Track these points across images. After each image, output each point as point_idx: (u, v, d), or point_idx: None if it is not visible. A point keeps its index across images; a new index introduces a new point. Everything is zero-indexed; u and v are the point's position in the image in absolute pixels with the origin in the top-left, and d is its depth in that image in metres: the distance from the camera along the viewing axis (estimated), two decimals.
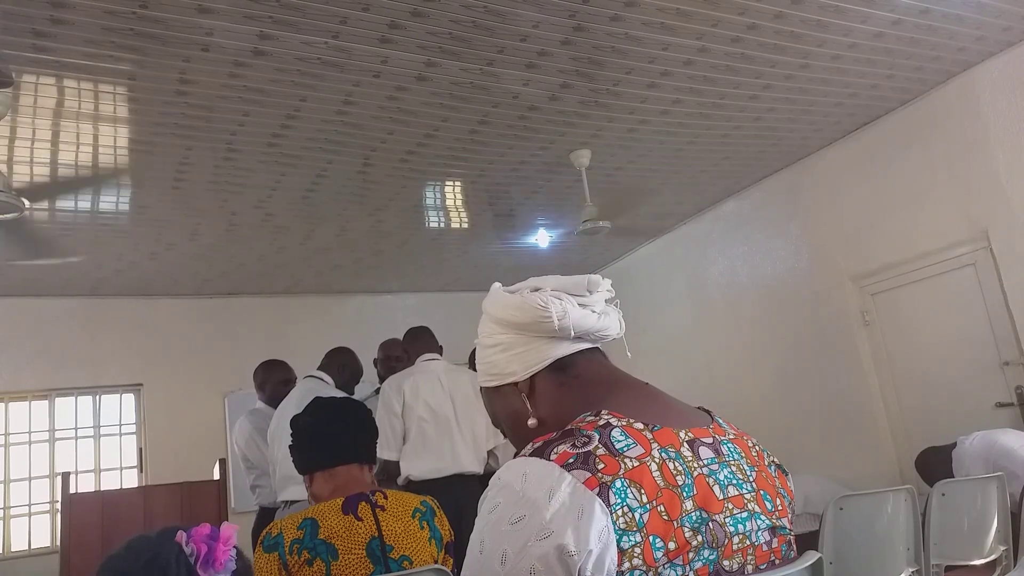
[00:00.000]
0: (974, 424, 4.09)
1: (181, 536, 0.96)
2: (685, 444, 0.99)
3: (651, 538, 0.88)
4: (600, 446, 0.93)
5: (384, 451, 3.57)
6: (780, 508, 1.05)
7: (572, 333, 1.11)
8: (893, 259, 5.08)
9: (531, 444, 0.96)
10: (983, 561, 2.87)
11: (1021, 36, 4.26)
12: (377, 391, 4.06)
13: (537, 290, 1.15)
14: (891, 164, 5.06)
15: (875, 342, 5.28)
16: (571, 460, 0.91)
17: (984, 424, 4.09)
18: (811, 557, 1.05)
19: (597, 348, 1.17)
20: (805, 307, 5.72)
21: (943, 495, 2.80)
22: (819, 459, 5.42)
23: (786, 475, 1.14)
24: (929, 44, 4.19)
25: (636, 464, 0.92)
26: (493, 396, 1.20)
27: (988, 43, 4.28)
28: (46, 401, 6.46)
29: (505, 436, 1.23)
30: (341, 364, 4.16)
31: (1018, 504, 3.02)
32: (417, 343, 4.01)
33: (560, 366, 1.13)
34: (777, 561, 1.02)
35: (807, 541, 1.67)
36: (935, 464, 3.96)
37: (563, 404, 1.08)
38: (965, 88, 4.61)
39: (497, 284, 1.22)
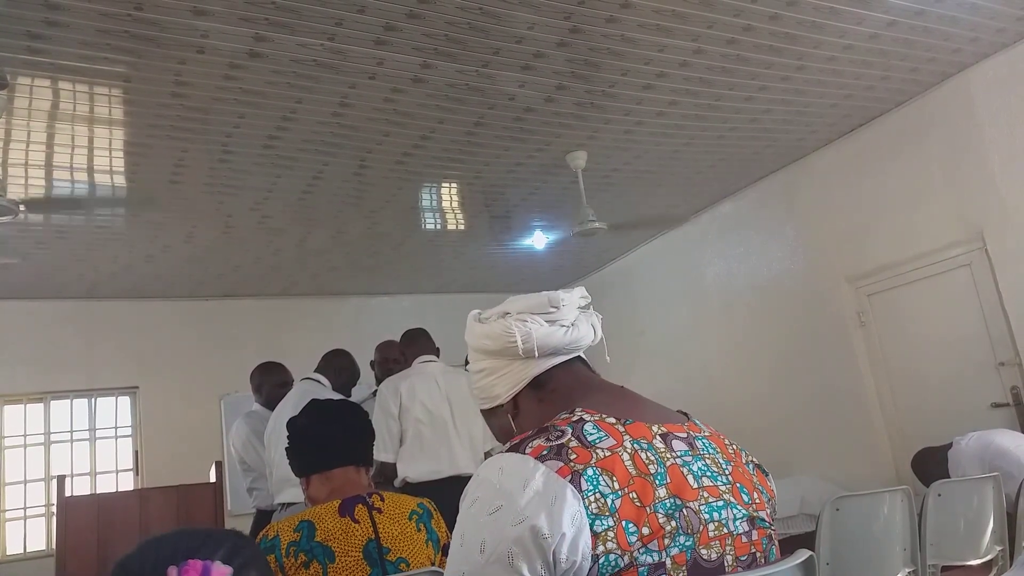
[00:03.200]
0: (970, 424, 4.09)
1: (172, 572, 0.93)
2: (658, 437, 1.02)
3: (624, 523, 0.91)
4: (573, 439, 0.97)
5: (381, 453, 3.56)
6: (758, 501, 1.07)
7: (536, 353, 1.15)
8: (889, 260, 5.09)
9: (509, 441, 1.01)
10: (979, 561, 2.87)
11: (1015, 37, 4.27)
12: (374, 393, 4.06)
13: (506, 314, 1.19)
14: (886, 165, 5.07)
15: (871, 343, 5.29)
16: (544, 452, 0.94)
17: (980, 424, 4.10)
18: (802, 555, 1.05)
19: (576, 358, 1.21)
20: (801, 308, 5.73)
21: (939, 495, 2.80)
22: (815, 460, 5.43)
23: (765, 475, 1.16)
24: (924, 45, 4.20)
25: (608, 454, 0.95)
26: (489, 416, 1.26)
27: (982, 44, 4.29)
28: (41, 404, 6.44)
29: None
30: (338, 366, 4.15)
31: (1014, 504, 3.02)
32: (414, 345, 4.01)
33: (538, 383, 1.17)
34: (758, 554, 1.04)
35: (803, 541, 1.67)
36: (931, 465, 3.97)
37: (544, 418, 1.12)
38: (960, 89, 4.62)
39: (473, 312, 1.27)
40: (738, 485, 1.05)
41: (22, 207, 4.54)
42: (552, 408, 1.12)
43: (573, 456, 0.93)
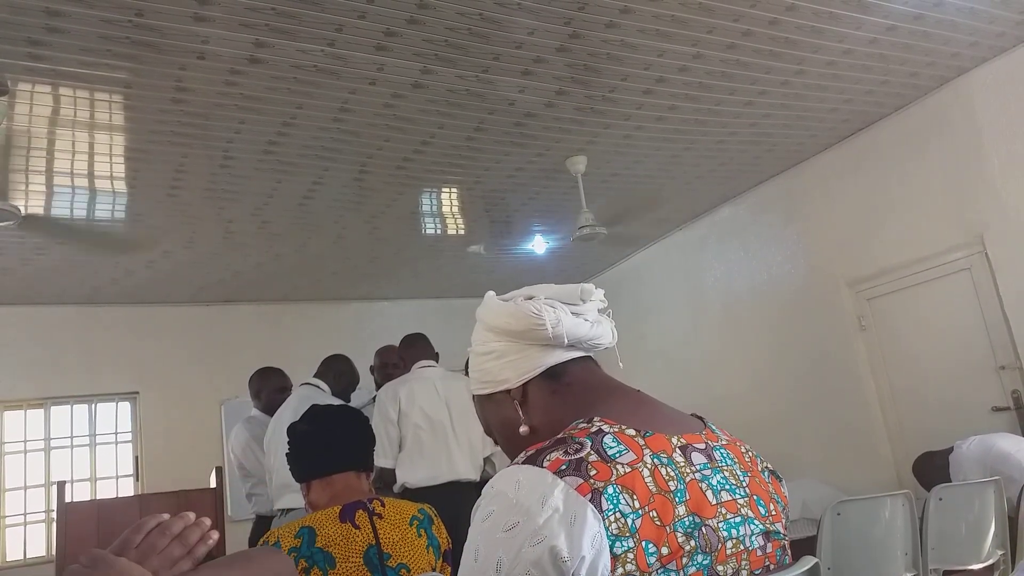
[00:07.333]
0: (971, 428, 4.09)
1: None
2: (677, 450, 1.00)
3: (644, 543, 0.89)
4: (592, 452, 0.93)
5: (380, 459, 3.56)
6: (774, 513, 1.06)
7: (566, 340, 1.12)
8: (889, 264, 5.09)
9: (524, 452, 0.97)
10: (981, 565, 2.87)
11: (1014, 41, 4.28)
12: (374, 398, 4.06)
13: (531, 298, 1.15)
14: (886, 169, 5.07)
15: (871, 347, 5.29)
16: (563, 467, 0.91)
17: (981, 428, 4.10)
18: (808, 562, 1.04)
19: (589, 357, 1.17)
20: (801, 312, 5.73)
21: (940, 500, 2.81)
22: (816, 464, 5.42)
23: (780, 480, 1.14)
24: (923, 50, 4.20)
25: (628, 470, 0.93)
26: (485, 404, 1.20)
27: (982, 48, 4.30)
28: (42, 410, 6.44)
29: (496, 443, 1.23)
30: (337, 371, 4.15)
31: (1015, 508, 3.02)
32: (413, 350, 4.01)
33: (553, 374, 1.13)
34: (772, 566, 1.03)
35: (805, 546, 1.67)
36: (932, 469, 3.97)
37: (555, 411, 1.09)
38: (959, 93, 4.62)
39: (491, 292, 1.22)
40: (755, 497, 1.04)
41: (26, 212, 4.56)
42: (564, 402, 1.10)
43: (593, 472, 0.91)
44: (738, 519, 0.99)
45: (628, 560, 0.87)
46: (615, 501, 0.89)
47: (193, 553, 1.03)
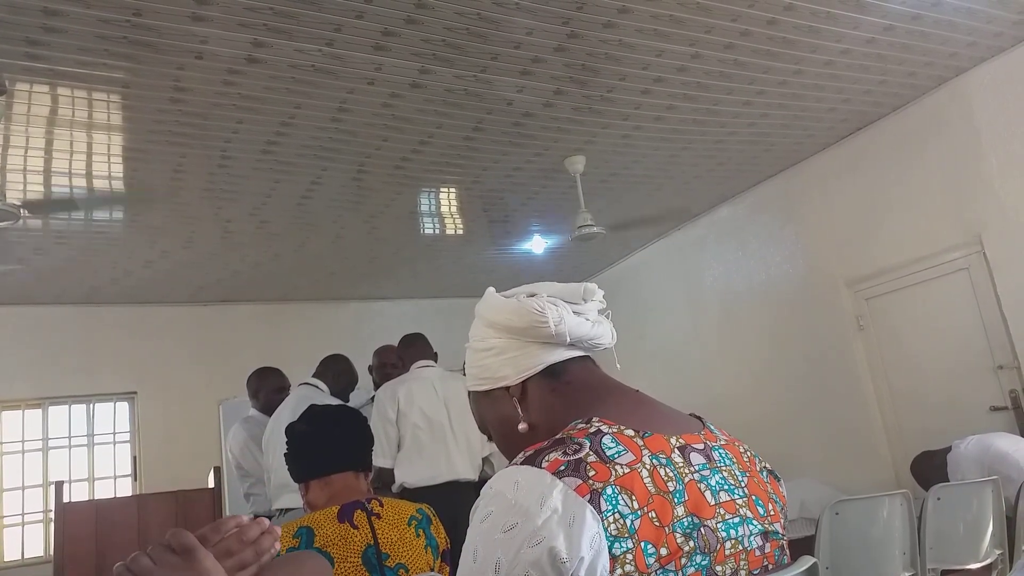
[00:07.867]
0: (969, 428, 4.09)
1: None
2: (676, 450, 1.00)
3: (643, 544, 0.89)
4: (591, 453, 0.93)
5: (379, 459, 3.56)
6: (772, 513, 1.06)
7: (567, 339, 1.11)
8: (887, 264, 5.10)
9: (523, 452, 0.97)
10: (979, 565, 2.88)
11: (1012, 41, 4.28)
12: (372, 398, 4.06)
13: (533, 295, 1.15)
14: (885, 169, 5.08)
15: (870, 346, 5.29)
16: (562, 467, 0.91)
17: (979, 428, 4.10)
18: (806, 562, 1.05)
19: (588, 356, 1.17)
20: (800, 312, 5.73)
21: (939, 499, 2.81)
22: (815, 464, 5.42)
23: (778, 480, 1.14)
24: (921, 50, 4.21)
25: (627, 471, 0.92)
26: (482, 400, 1.20)
27: (980, 48, 4.30)
28: (40, 410, 6.43)
29: (490, 440, 1.23)
30: (336, 371, 4.15)
31: (1013, 507, 3.03)
32: (412, 350, 4.01)
33: (552, 372, 1.13)
34: (770, 566, 1.03)
35: (803, 546, 1.67)
36: (930, 468, 3.97)
37: (554, 409, 1.09)
38: (957, 93, 4.63)
39: (491, 288, 1.22)
40: (754, 498, 1.04)
41: (24, 211, 4.55)
42: (563, 401, 1.10)
43: (592, 473, 0.90)
44: (737, 519, 0.99)
45: (627, 561, 0.87)
46: (614, 502, 0.89)
47: (260, 561, 1.04)
